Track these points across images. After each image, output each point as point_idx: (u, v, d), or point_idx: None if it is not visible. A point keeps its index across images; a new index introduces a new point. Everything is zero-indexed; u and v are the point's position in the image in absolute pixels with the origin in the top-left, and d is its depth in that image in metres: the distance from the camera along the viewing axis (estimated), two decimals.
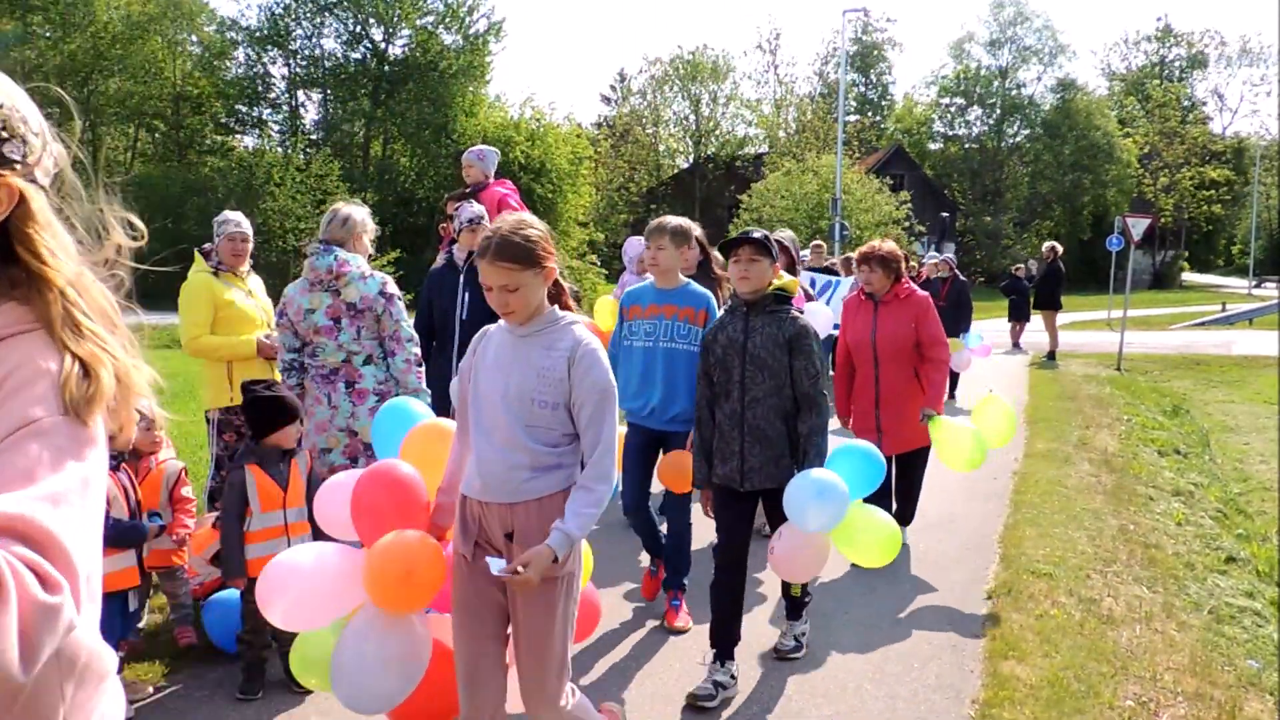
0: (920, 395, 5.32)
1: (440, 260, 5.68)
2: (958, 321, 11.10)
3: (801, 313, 3.85)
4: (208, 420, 5.04)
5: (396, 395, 4.36)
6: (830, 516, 3.64)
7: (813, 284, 9.08)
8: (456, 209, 5.36)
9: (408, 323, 4.47)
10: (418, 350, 4.52)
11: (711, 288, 5.36)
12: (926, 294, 5.42)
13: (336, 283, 4.26)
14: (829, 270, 10.36)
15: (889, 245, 5.38)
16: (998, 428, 5.23)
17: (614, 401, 2.64)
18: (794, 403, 3.79)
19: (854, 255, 5.63)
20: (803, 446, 3.76)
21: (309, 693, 3.82)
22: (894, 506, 5.52)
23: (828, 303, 9.19)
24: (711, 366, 3.90)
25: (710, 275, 5.37)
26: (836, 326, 9.46)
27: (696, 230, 4.69)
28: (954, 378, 11.08)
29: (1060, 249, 16.59)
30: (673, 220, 4.48)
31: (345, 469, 4.22)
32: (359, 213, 4.45)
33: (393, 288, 4.41)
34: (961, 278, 11.85)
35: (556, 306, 2.74)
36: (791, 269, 5.95)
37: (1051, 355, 15.92)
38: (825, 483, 3.63)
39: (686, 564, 4.59)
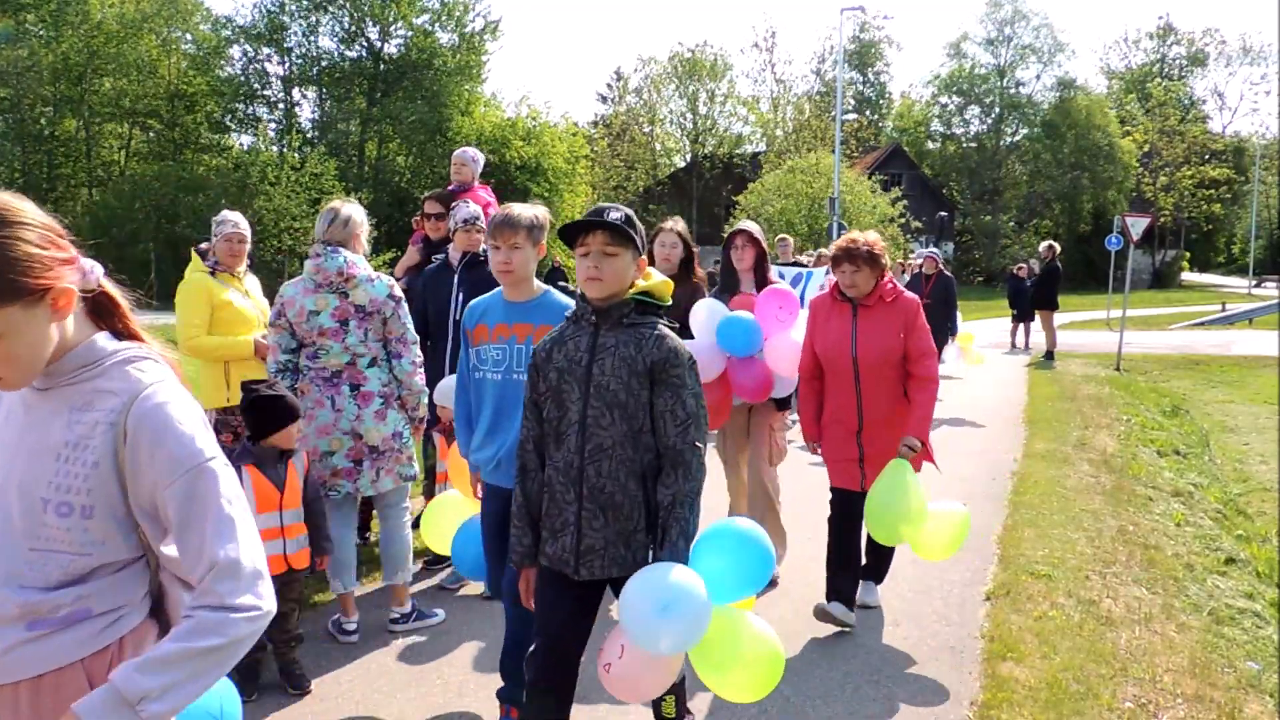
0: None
1: (414, 255, 5.68)
2: (946, 320, 10.85)
3: (675, 328, 2.79)
4: None
5: (398, 397, 4.35)
6: (679, 637, 2.57)
7: (781, 278, 8.59)
8: (452, 207, 5.35)
9: (411, 325, 4.46)
10: (420, 353, 4.51)
11: (692, 292, 5.04)
12: (915, 296, 4.50)
13: (345, 285, 4.22)
14: (797, 265, 9.95)
15: (871, 236, 4.44)
16: (937, 541, 4.29)
17: (214, 480, 1.53)
18: (656, 457, 2.69)
19: (827, 252, 4.72)
20: (662, 521, 2.64)
21: (304, 694, 3.81)
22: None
23: (801, 299, 8.66)
24: (541, 395, 2.78)
25: (691, 277, 5.18)
26: None
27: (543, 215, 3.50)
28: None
29: (1059, 248, 16.58)
30: (528, 212, 3.37)
31: (349, 472, 4.21)
32: (359, 212, 4.44)
33: (398, 290, 4.41)
34: (947, 274, 11.29)
35: (102, 334, 1.60)
36: (762, 262, 5.17)
37: (1050, 355, 15.92)
38: (673, 593, 2.51)
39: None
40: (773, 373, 4.87)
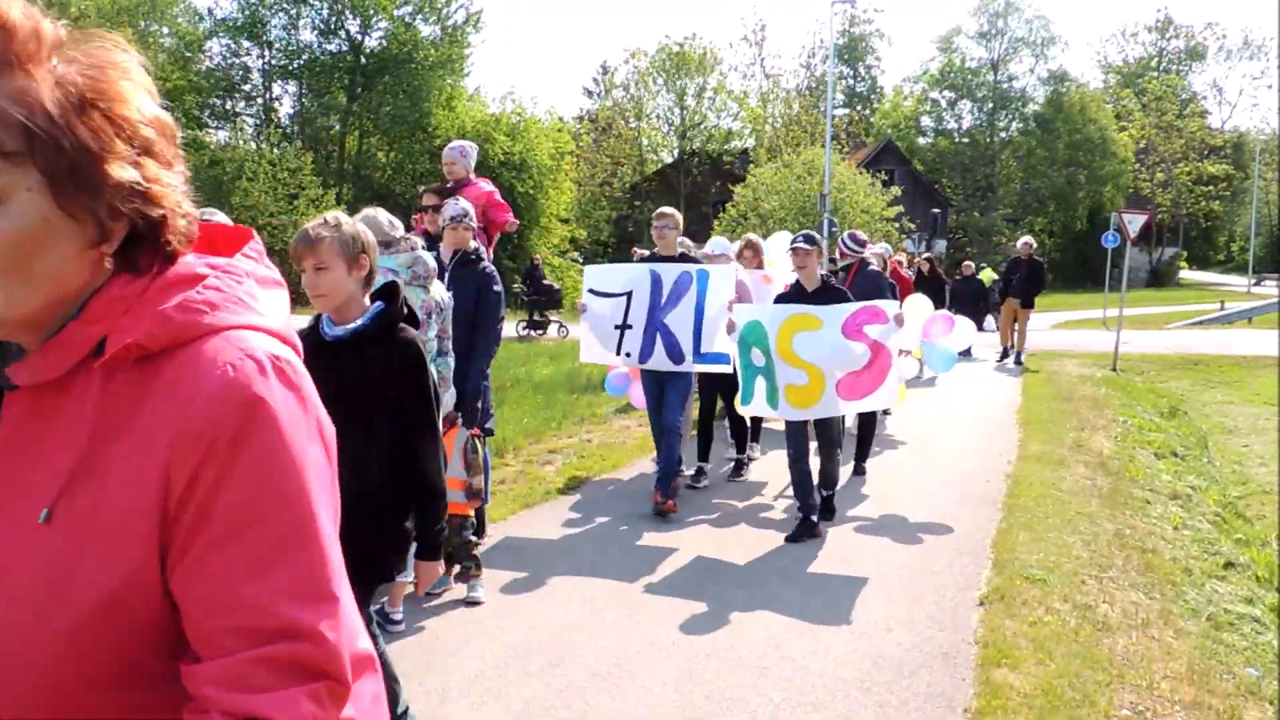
0: None
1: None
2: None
3: None
4: None
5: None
6: None
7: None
8: (440, 205, 5.30)
9: None
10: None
11: None
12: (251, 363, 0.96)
13: (429, 280, 4.36)
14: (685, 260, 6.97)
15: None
16: None
17: None
18: None
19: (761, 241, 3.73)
20: None
21: None
22: None
23: (698, 313, 6.46)
24: None
25: None
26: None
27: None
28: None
29: (1030, 244, 15.86)
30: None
31: None
32: None
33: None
34: (873, 265, 8.03)
35: None
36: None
37: (1018, 358, 15.38)
38: None
39: None
40: None
